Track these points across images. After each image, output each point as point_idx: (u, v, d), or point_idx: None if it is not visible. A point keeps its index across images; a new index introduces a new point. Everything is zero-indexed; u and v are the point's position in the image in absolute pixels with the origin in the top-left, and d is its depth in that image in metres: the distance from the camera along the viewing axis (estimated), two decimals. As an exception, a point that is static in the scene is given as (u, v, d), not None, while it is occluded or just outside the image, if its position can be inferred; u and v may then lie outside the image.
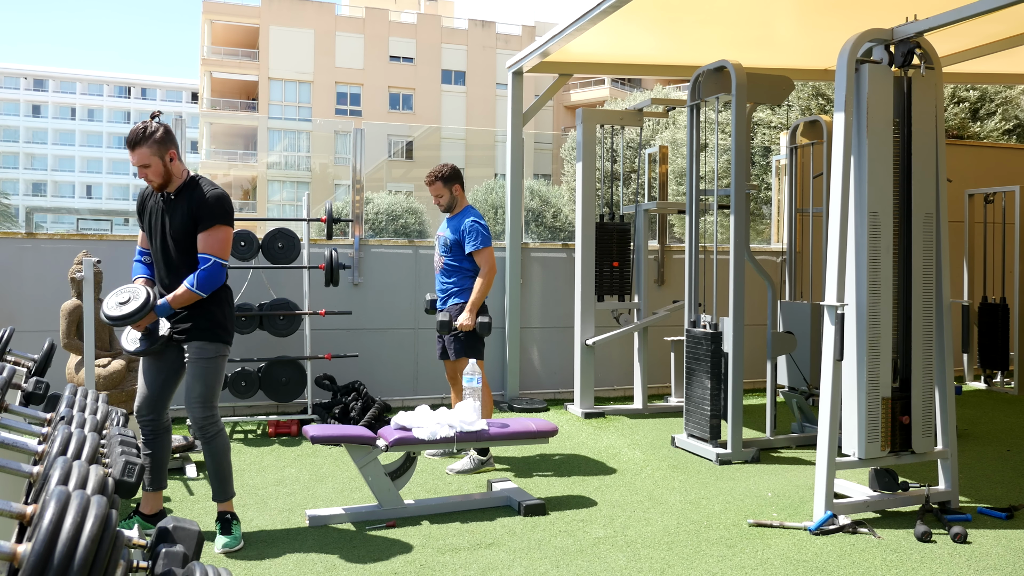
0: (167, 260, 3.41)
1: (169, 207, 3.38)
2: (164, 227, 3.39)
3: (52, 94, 64.54)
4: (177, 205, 3.36)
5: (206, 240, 3.33)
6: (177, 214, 3.36)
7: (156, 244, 3.44)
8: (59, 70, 66.11)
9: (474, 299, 4.60)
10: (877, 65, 3.77)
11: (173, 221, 3.37)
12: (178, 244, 3.37)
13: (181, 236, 3.36)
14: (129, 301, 3.25)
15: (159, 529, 1.52)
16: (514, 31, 42.19)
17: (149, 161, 3.27)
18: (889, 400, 3.80)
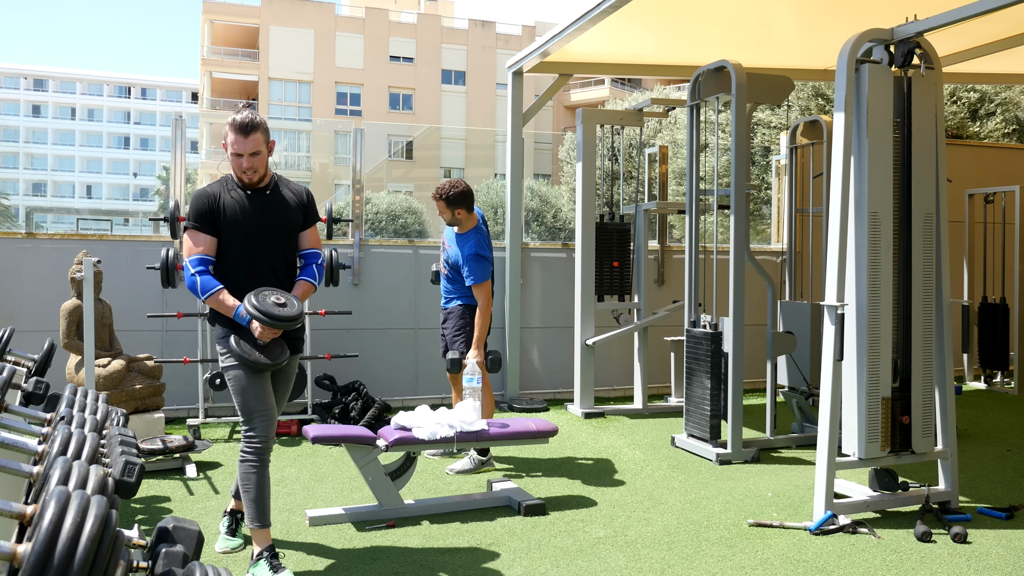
0: (271, 258, 3.18)
1: (267, 202, 3.18)
2: (268, 223, 3.16)
3: (52, 94, 64.53)
4: (277, 200, 3.20)
5: (313, 236, 3.29)
6: (282, 209, 3.20)
7: (253, 243, 3.15)
8: (59, 70, 66.12)
9: (478, 336, 4.52)
10: (877, 65, 3.77)
11: (280, 216, 3.19)
12: (287, 240, 3.22)
13: (290, 232, 3.23)
14: (286, 305, 3.03)
15: (159, 529, 1.52)
16: (514, 31, 42.18)
17: (261, 148, 3.14)
18: (889, 400, 3.80)
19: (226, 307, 3.06)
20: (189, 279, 3.07)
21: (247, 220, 3.14)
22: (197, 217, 3.10)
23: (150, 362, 5.15)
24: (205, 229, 3.11)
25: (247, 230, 3.14)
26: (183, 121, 6.23)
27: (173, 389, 5.78)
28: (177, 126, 6.20)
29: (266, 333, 3.05)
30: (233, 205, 3.13)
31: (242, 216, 3.13)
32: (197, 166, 35.03)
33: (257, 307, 2.99)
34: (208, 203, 3.13)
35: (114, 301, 5.36)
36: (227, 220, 3.12)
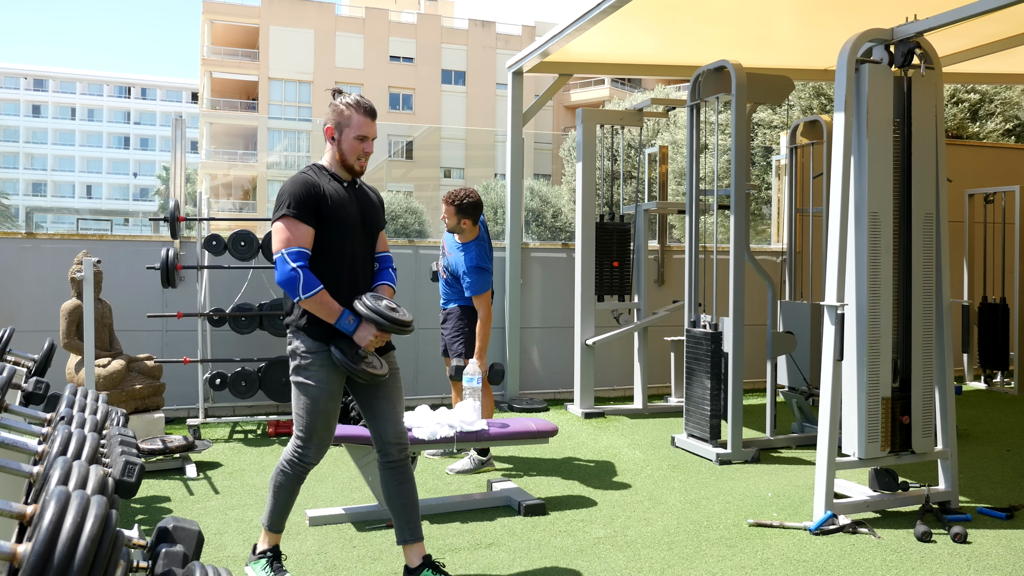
0: (363, 257, 2.94)
1: (359, 196, 2.94)
2: (362, 219, 2.93)
3: (52, 94, 64.55)
4: (365, 195, 2.98)
5: (384, 239, 3.09)
6: (371, 205, 2.98)
7: (351, 239, 2.88)
8: (59, 70, 66.15)
9: (479, 347, 4.48)
10: (877, 65, 3.77)
11: (371, 213, 2.98)
12: (374, 239, 3.01)
13: (377, 230, 3.02)
14: (397, 310, 2.79)
15: (159, 529, 1.52)
16: (514, 31, 42.19)
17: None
18: (889, 400, 3.80)
19: (330, 310, 2.75)
20: (287, 273, 2.72)
21: (347, 214, 2.86)
22: (299, 204, 2.77)
23: (150, 362, 5.15)
24: (305, 219, 2.77)
25: (346, 225, 2.85)
26: (183, 121, 6.23)
27: (173, 389, 5.78)
28: (177, 126, 6.20)
29: (377, 340, 2.79)
30: (334, 196, 2.84)
31: (343, 209, 2.85)
32: (197, 166, 35.06)
33: (373, 310, 2.74)
34: (312, 190, 2.80)
35: (114, 301, 5.36)
36: (330, 211, 2.81)
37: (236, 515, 3.83)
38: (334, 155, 2.90)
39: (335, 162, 2.91)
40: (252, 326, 5.64)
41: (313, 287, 2.73)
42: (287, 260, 2.73)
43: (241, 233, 5.62)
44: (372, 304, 2.76)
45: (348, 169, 2.90)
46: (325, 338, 2.81)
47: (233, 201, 35.11)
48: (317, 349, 2.82)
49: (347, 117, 2.88)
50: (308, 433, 2.89)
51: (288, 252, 2.74)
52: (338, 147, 2.88)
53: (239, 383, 5.53)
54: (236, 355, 5.85)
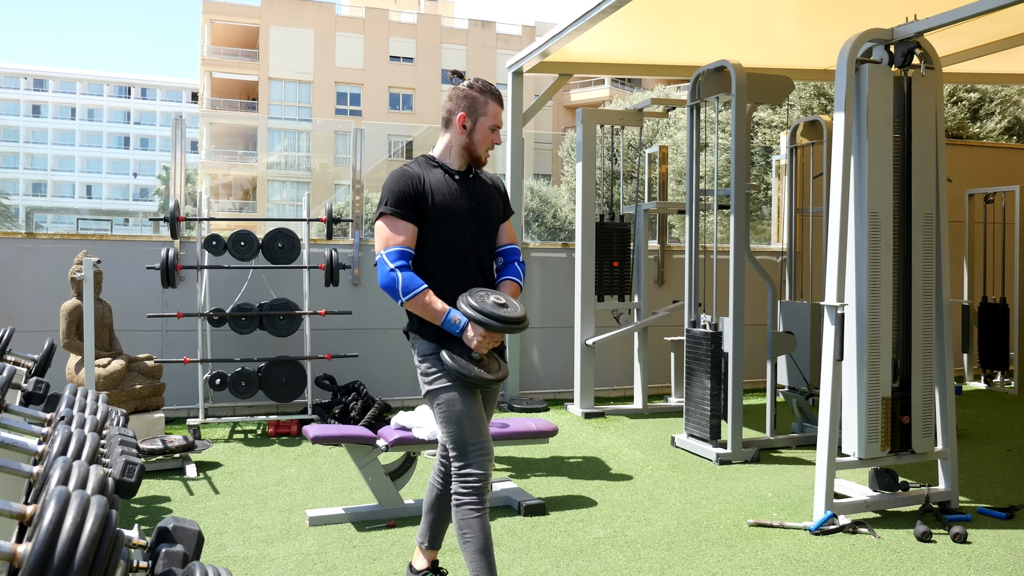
0: (478, 253, 2.70)
1: (472, 187, 2.71)
2: (475, 212, 2.69)
3: (52, 94, 64.55)
4: (481, 185, 2.74)
5: (510, 230, 2.84)
6: (487, 196, 2.74)
7: (462, 235, 2.66)
8: (59, 70, 66.13)
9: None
10: (877, 65, 3.77)
11: (488, 205, 2.73)
12: (492, 233, 2.76)
13: (495, 223, 2.77)
14: (507, 305, 2.55)
15: (159, 529, 1.52)
16: (514, 31, 42.19)
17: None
18: (889, 400, 3.80)
19: (433, 311, 2.55)
20: (387, 276, 2.53)
21: (456, 207, 2.64)
22: (399, 201, 2.57)
23: (150, 362, 5.16)
24: (407, 216, 2.57)
25: (456, 219, 2.63)
26: (183, 121, 6.23)
27: (173, 389, 5.78)
28: (177, 126, 6.20)
29: (487, 341, 2.53)
30: (441, 188, 2.63)
31: (451, 202, 2.63)
32: (197, 166, 35.07)
33: (478, 309, 2.51)
34: (413, 185, 2.59)
35: (114, 301, 5.36)
36: (435, 206, 2.60)
37: (236, 515, 3.83)
38: (459, 145, 2.68)
39: (458, 152, 2.68)
40: (252, 326, 5.64)
41: (413, 288, 2.52)
42: (386, 261, 2.54)
43: (241, 233, 5.61)
44: (477, 303, 2.52)
45: (475, 160, 2.70)
46: (439, 339, 2.61)
47: (233, 201, 35.10)
48: (433, 350, 2.63)
49: (482, 104, 2.68)
50: (459, 444, 2.57)
51: (387, 253, 2.55)
52: (469, 136, 2.66)
53: (239, 383, 5.53)
54: (236, 355, 5.85)
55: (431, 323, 2.59)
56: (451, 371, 2.54)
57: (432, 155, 2.72)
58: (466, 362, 2.53)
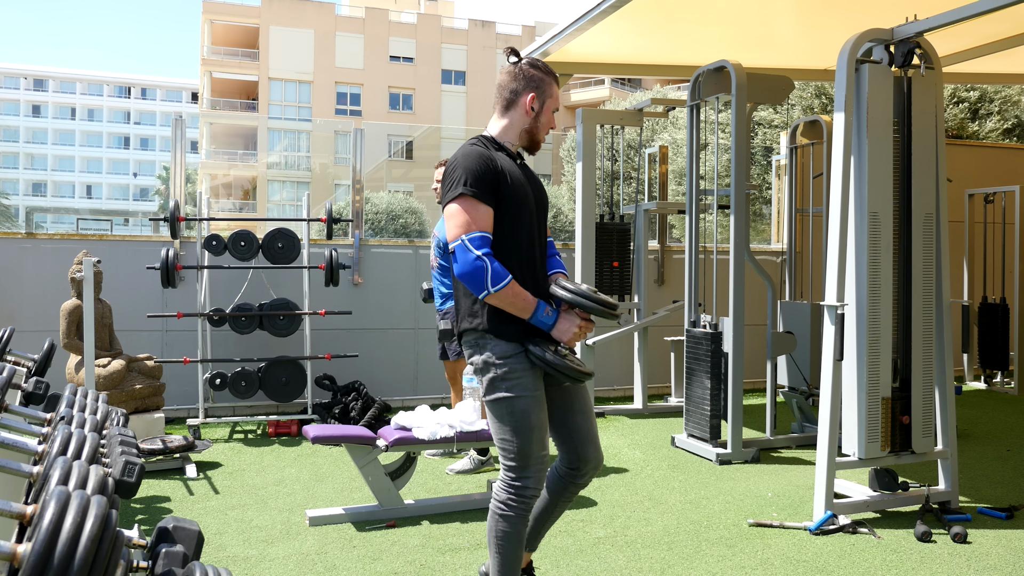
0: (539, 241, 2.52)
1: (528, 175, 2.52)
2: (536, 198, 2.51)
3: (52, 94, 64.57)
4: (532, 174, 2.56)
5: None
6: (540, 186, 2.58)
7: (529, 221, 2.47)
8: (59, 70, 66.16)
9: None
10: (877, 65, 3.77)
11: (540, 192, 2.56)
12: (545, 223, 2.58)
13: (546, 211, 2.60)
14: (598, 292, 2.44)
15: (159, 529, 1.52)
16: (514, 31, 42.19)
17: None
18: (889, 400, 3.80)
19: (524, 303, 2.32)
20: (471, 263, 2.27)
21: (525, 193, 2.45)
22: (478, 181, 2.33)
23: (150, 362, 5.16)
24: (486, 198, 2.33)
25: (525, 206, 2.44)
26: (183, 121, 6.23)
27: (173, 389, 5.78)
28: (177, 126, 6.20)
29: (583, 331, 2.39)
30: (512, 172, 2.42)
31: (522, 187, 2.44)
32: (197, 166, 35.08)
33: (577, 292, 2.37)
34: (491, 165, 2.37)
35: (114, 301, 5.36)
36: (511, 189, 2.39)
37: (236, 515, 3.83)
38: (522, 127, 2.49)
39: (517, 134, 2.49)
40: (252, 326, 5.64)
41: (503, 278, 2.28)
42: (468, 248, 2.27)
43: (241, 233, 5.62)
44: (573, 287, 2.38)
45: (534, 144, 2.52)
46: (520, 338, 2.38)
47: (233, 201, 35.12)
48: (513, 352, 2.37)
49: (548, 85, 2.49)
50: (521, 456, 2.38)
51: (469, 238, 2.28)
52: (535, 119, 2.48)
53: (239, 383, 5.53)
54: (236, 355, 5.85)
55: (513, 321, 2.36)
56: (549, 365, 2.33)
57: (492, 135, 2.50)
58: (559, 358, 2.34)
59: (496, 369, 2.38)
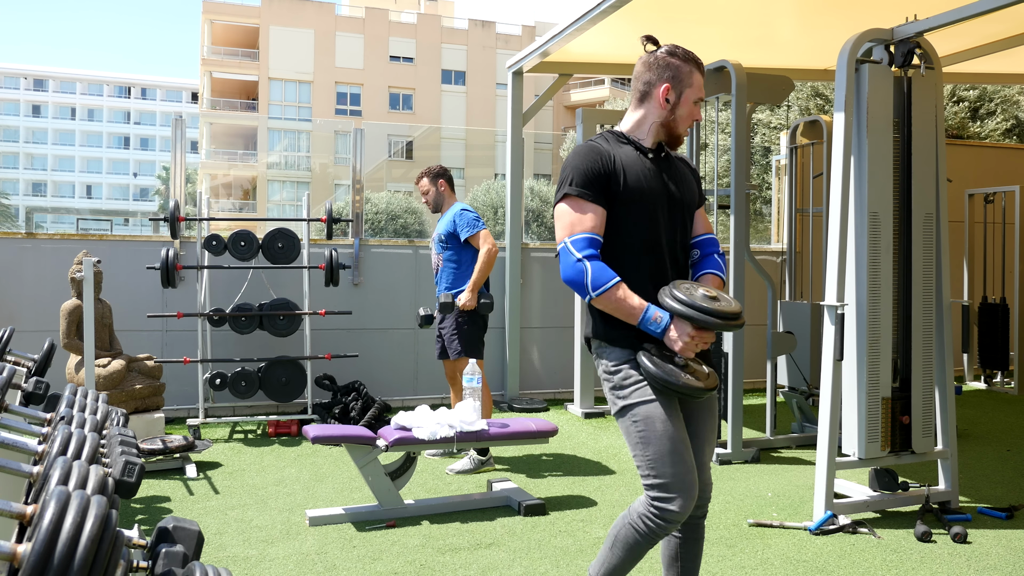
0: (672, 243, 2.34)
1: (668, 169, 2.36)
2: (670, 195, 2.33)
3: (52, 94, 64.57)
4: (674, 166, 2.39)
5: (705, 218, 2.46)
6: (684, 179, 2.38)
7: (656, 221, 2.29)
8: (59, 70, 66.17)
9: (475, 279, 4.60)
10: (877, 65, 3.77)
11: (685, 188, 2.38)
12: (688, 220, 2.39)
13: (691, 209, 2.40)
14: (718, 299, 2.17)
15: (159, 529, 1.52)
16: (514, 31, 42.20)
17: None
18: (889, 400, 3.80)
19: (629, 308, 2.17)
20: (572, 268, 2.19)
21: (650, 189, 2.28)
22: (587, 181, 2.24)
23: (150, 362, 5.16)
24: (596, 198, 2.23)
25: (650, 204, 2.28)
26: (183, 121, 6.23)
27: (173, 389, 5.78)
28: (177, 126, 6.21)
29: (695, 342, 2.16)
30: (634, 168, 2.28)
31: (645, 184, 2.27)
32: (197, 166, 35.08)
33: (687, 302, 2.14)
34: (603, 162, 2.26)
35: (114, 301, 5.36)
36: (628, 187, 2.25)
37: (236, 515, 3.83)
38: (657, 120, 2.33)
39: (654, 128, 2.33)
40: (252, 326, 5.65)
41: (604, 281, 2.16)
42: (571, 250, 2.18)
43: (241, 233, 5.62)
44: (683, 295, 2.15)
45: (674, 139, 2.35)
46: (632, 343, 2.24)
47: (233, 201, 35.12)
48: (627, 358, 2.25)
49: (687, 75, 2.31)
50: (656, 474, 2.17)
51: (572, 240, 2.20)
52: (672, 111, 2.31)
53: (239, 383, 5.53)
54: (236, 355, 5.85)
55: (623, 326, 2.22)
56: (653, 378, 2.15)
57: (620, 130, 2.37)
58: (671, 367, 2.15)
59: (611, 378, 2.29)
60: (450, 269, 4.75)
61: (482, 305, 4.64)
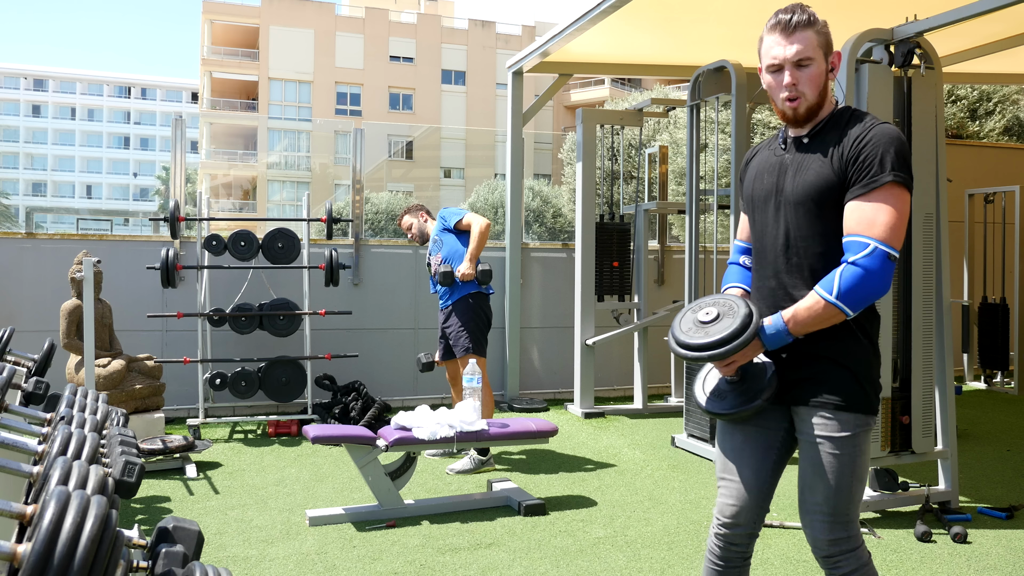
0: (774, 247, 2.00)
1: (798, 156, 1.99)
2: (779, 191, 1.99)
3: (52, 94, 64.57)
4: (811, 152, 1.96)
5: (864, 211, 1.85)
6: (812, 165, 1.94)
7: (765, 221, 2.03)
8: (59, 70, 66.17)
9: (471, 249, 4.70)
10: (877, 65, 3.77)
11: (800, 177, 1.95)
12: (806, 214, 1.94)
13: (812, 200, 1.92)
14: (718, 319, 1.90)
15: (159, 529, 1.52)
16: (514, 31, 42.19)
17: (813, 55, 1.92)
18: (889, 400, 3.80)
19: None
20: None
21: (759, 187, 2.06)
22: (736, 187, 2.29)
23: (150, 362, 5.16)
24: (742, 204, 2.14)
25: (755, 203, 2.07)
26: (183, 121, 6.23)
27: (173, 389, 5.78)
28: (177, 126, 6.20)
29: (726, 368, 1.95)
30: (760, 164, 2.08)
31: (756, 181, 2.07)
32: (197, 166, 35.08)
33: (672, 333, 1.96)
34: (742, 165, 2.18)
35: (114, 301, 5.36)
36: (751, 187, 2.09)
37: (236, 515, 3.83)
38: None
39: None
40: (252, 326, 5.65)
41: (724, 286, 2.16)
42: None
43: (241, 233, 5.62)
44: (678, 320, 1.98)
45: (785, 118, 2.01)
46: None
47: (233, 201, 35.14)
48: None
49: (761, 42, 2.05)
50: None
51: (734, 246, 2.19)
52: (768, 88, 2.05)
53: (239, 383, 5.53)
54: (236, 355, 5.85)
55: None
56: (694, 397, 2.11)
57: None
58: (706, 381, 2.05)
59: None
60: (452, 259, 4.79)
61: (482, 273, 4.67)
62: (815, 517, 1.91)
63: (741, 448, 2.01)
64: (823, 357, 1.91)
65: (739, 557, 2.04)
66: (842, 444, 1.87)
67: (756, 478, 1.98)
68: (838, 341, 1.90)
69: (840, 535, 1.88)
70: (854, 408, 1.88)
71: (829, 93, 1.97)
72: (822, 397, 1.89)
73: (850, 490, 1.88)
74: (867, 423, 1.91)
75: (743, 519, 1.99)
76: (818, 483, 1.90)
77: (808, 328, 1.86)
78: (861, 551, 1.91)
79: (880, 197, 1.84)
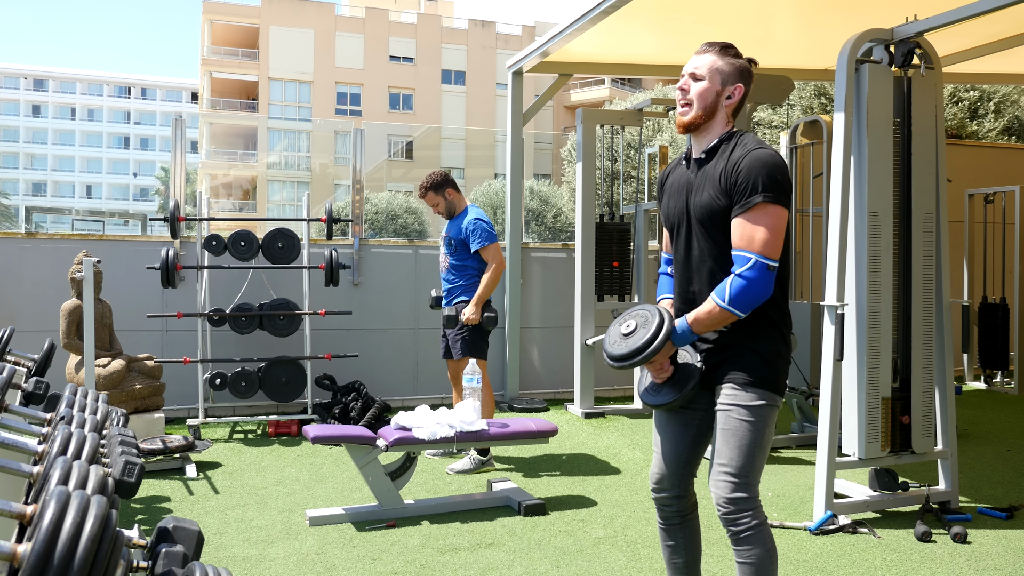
0: (687, 258, 2.27)
1: (698, 177, 2.24)
2: (687, 207, 2.25)
3: (52, 94, 64.56)
4: (708, 171, 2.21)
5: (744, 228, 2.12)
6: (707, 187, 2.19)
7: (679, 236, 2.29)
8: (59, 70, 66.17)
9: (480, 294, 4.61)
10: (877, 65, 3.77)
11: (698, 198, 2.21)
12: (705, 231, 2.21)
13: (708, 219, 2.19)
14: (636, 331, 2.20)
15: (159, 529, 1.52)
16: (514, 31, 42.19)
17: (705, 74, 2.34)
18: (889, 400, 3.80)
19: None
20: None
21: (671, 205, 2.31)
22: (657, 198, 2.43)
23: (150, 362, 5.16)
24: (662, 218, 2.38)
25: (670, 218, 2.32)
26: (183, 121, 6.23)
27: (173, 389, 5.78)
28: (177, 126, 6.20)
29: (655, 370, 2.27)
30: (673, 184, 2.33)
31: (669, 199, 2.33)
32: (197, 166, 35.08)
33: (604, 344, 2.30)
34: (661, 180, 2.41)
35: (114, 301, 5.36)
36: (666, 202, 2.35)
37: (236, 515, 3.83)
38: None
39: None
40: (252, 326, 5.64)
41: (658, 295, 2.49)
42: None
43: (241, 233, 5.62)
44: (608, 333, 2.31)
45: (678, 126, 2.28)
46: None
47: (233, 201, 35.15)
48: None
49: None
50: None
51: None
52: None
53: (239, 383, 5.53)
54: (236, 355, 5.85)
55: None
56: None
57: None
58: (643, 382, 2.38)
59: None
60: (455, 274, 4.76)
61: (486, 319, 4.66)
62: (721, 478, 2.23)
63: (664, 425, 2.42)
64: (738, 344, 2.22)
65: (676, 516, 2.47)
66: (748, 412, 2.17)
67: (675, 450, 2.41)
68: (751, 330, 2.22)
69: (740, 495, 2.18)
70: (761, 385, 2.18)
71: (722, 116, 2.25)
72: (734, 374, 2.20)
73: (752, 455, 2.18)
74: (773, 400, 2.20)
75: (666, 484, 2.44)
76: (724, 447, 2.23)
77: (707, 328, 2.19)
78: (758, 512, 2.20)
79: (755, 216, 2.12)
